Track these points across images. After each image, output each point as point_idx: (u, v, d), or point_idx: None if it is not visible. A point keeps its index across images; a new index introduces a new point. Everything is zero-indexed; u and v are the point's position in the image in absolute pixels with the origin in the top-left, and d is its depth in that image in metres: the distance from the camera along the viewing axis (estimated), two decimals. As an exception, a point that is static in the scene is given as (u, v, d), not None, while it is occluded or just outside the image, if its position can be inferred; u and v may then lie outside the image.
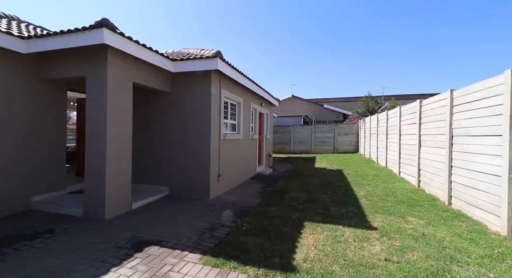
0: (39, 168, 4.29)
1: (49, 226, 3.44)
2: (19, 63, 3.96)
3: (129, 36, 3.79)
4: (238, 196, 5.24)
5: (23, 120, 4.05)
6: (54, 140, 4.52)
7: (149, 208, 4.33)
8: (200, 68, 4.71)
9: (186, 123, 5.07)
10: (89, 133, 3.84)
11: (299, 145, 16.35)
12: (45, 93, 4.35)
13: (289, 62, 70.12)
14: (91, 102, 3.82)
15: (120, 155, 4.00)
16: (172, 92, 5.19)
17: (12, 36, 3.68)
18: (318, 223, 3.63)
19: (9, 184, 3.87)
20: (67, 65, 4.00)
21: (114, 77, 3.84)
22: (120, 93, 3.98)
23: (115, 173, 3.89)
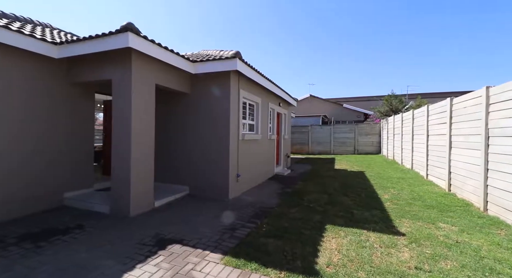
0: (70, 167, 4.55)
1: (79, 222, 3.63)
2: (52, 68, 4.23)
3: (152, 39, 3.90)
4: (257, 197, 5.22)
5: (58, 121, 4.32)
6: (83, 140, 4.78)
7: (170, 206, 4.42)
8: (220, 69, 4.75)
9: (205, 123, 5.13)
10: (115, 134, 4.00)
11: (317, 145, 16.02)
12: (75, 96, 4.61)
13: (307, 61, 68.98)
14: (116, 103, 3.98)
15: (144, 155, 4.14)
16: (191, 93, 5.28)
17: (46, 42, 3.93)
18: (341, 227, 3.50)
19: (45, 181, 4.14)
20: (94, 69, 4.21)
21: (138, 79, 3.97)
22: (143, 95, 4.11)
23: (139, 173, 4.02)
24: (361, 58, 62.67)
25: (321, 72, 68.41)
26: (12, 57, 3.70)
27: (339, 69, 64.63)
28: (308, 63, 67.34)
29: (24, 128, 3.87)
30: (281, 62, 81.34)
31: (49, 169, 4.22)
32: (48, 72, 4.17)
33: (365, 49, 62.03)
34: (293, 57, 75.05)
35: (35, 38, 3.78)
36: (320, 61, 64.62)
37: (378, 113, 15.74)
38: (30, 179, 3.95)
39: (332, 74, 65.40)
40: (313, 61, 65.14)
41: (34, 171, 4.00)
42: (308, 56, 64.51)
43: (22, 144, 3.84)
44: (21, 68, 3.82)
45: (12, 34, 3.51)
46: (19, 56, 3.77)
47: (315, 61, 65.14)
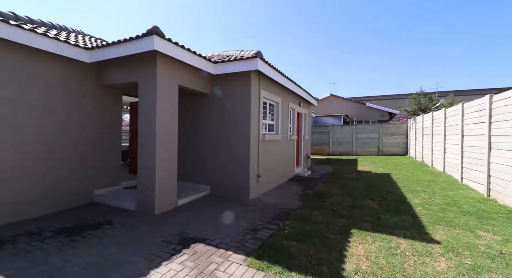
0: (100, 166, 4.79)
1: (108, 218, 3.80)
2: (84, 72, 4.49)
3: (176, 42, 3.99)
4: (278, 198, 5.14)
5: (90, 123, 4.57)
6: (112, 140, 5.02)
7: (193, 205, 4.49)
8: (240, 69, 4.75)
9: (225, 123, 5.16)
10: (141, 134, 4.15)
11: (338, 146, 15.54)
12: (104, 98, 4.86)
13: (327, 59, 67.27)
14: (142, 105, 4.12)
15: (168, 155, 4.24)
16: (212, 94, 5.34)
17: (79, 47, 4.17)
18: (368, 232, 3.32)
19: (78, 179, 4.40)
20: (122, 72, 4.39)
21: (162, 81, 4.09)
22: (168, 96, 4.22)
23: (163, 172, 4.13)
24: (384, 56, 59.88)
25: (342, 71, 66.40)
26: (51, 62, 3.97)
27: (361, 67, 62.36)
28: (328, 62, 65.73)
29: (62, 130, 4.14)
30: (299, 61, 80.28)
31: (82, 168, 4.47)
32: (81, 76, 4.44)
33: (389, 46, 59.18)
34: (312, 55, 73.50)
35: (69, 44, 4.03)
36: (341, 59, 62.79)
37: (405, 112, 14.86)
38: (64, 177, 4.21)
39: (354, 73, 63.26)
40: (334, 59, 63.39)
41: (68, 170, 4.26)
42: (328, 54, 62.94)
43: (59, 145, 4.11)
44: (59, 73, 4.09)
45: (49, 41, 3.77)
46: (57, 61, 4.05)
47: (336, 59, 63.37)
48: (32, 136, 3.79)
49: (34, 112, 3.81)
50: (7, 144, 3.52)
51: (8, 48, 3.49)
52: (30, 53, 3.73)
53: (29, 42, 3.55)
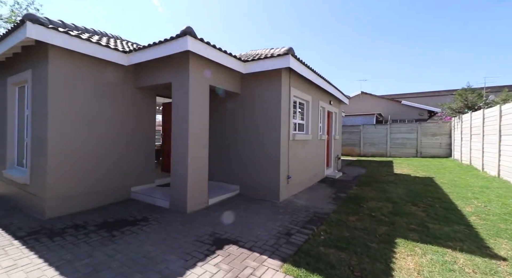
0: (136, 164, 5.01)
1: (144, 214, 3.93)
2: (123, 74, 4.73)
3: (208, 41, 4.00)
4: (309, 201, 4.92)
5: (128, 123, 4.81)
6: (147, 140, 5.22)
7: (223, 205, 4.48)
8: (271, 67, 4.63)
9: (255, 123, 5.08)
10: (174, 134, 4.23)
11: (370, 147, 14.67)
12: (140, 99, 5.07)
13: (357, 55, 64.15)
14: (176, 105, 4.21)
15: (200, 154, 4.28)
16: (241, 93, 5.30)
17: (118, 51, 4.39)
18: (416, 242, 2.99)
19: (117, 176, 4.65)
20: (156, 74, 4.53)
21: (195, 81, 4.13)
22: (200, 96, 4.25)
23: (195, 171, 4.18)
24: (418, 51, 55.32)
25: (374, 67, 62.80)
26: (97, 66, 4.23)
27: (395, 62, 58.38)
28: (358, 58, 62.60)
29: (106, 130, 4.39)
30: (326, 57, 77.71)
31: (121, 166, 4.71)
32: (121, 78, 4.67)
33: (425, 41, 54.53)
34: (340, 51, 70.51)
35: (109, 48, 4.25)
36: (373, 55, 59.41)
37: (449, 110, 13.45)
38: (106, 174, 4.46)
39: (387, 69, 59.43)
40: (365, 55, 60.18)
41: (109, 167, 4.51)
42: (359, 50, 59.90)
43: (103, 144, 4.37)
44: (103, 76, 4.35)
45: (96, 47, 4.01)
46: (99, 65, 4.30)
47: (367, 55, 60.10)
48: (82, 135, 4.07)
49: (84, 113, 4.09)
50: (64, 141, 3.81)
51: (66, 56, 3.79)
52: (81, 58, 4.01)
53: (81, 49, 3.81)
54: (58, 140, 3.83)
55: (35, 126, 3.97)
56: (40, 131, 3.86)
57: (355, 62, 65.14)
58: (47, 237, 3.04)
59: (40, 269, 2.34)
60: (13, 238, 3.02)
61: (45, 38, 3.45)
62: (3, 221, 3.57)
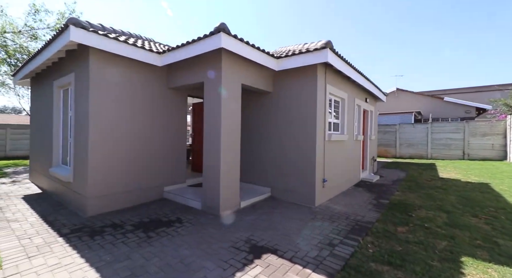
0: (169, 164, 5.05)
1: (178, 215, 3.90)
2: (157, 75, 4.78)
3: (241, 38, 3.84)
4: (347, 207, 4.54)
5: (161, 123, 4.86)
6: (179, 140, 5.24)
7: (255, 209, 4.30)
8: (306, 62, 4.34)
9: (288, 123, 4.82)
10: (207, 134, 4.15)
11: (407, 148, 13.54)
12: (173, 100, 5.10)
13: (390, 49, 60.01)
14: (208, 104, 4.12)
15: (232, 155, 4.15)
16: (273, 91, 5.07)
17: (152, 52, 4.43)
18: (487, 263, 2.52)
19: (152, 176, 4.71)
20: (188, 74, 4.50)
21: (227, 80, 4.00)
22: (232, 96, 4.12)
23: (228, 173, 4.05)
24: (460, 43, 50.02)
25: (410, 62, 58.33)
26: (134, 67, 4.32)
27: (435, 56, 53.71)
28: (392, 52, 58.55)
29: (142, 130, 4.48)
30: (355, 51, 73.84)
31: (155, 166, 4.77)
32: (155, 79, 4.73)
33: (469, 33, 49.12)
34: (375, 43, 66.08)
35: (144, 50, 4.30)
36: (409, 49, 55.21)
37: (504, 106, 11.84)
38: (141, 173, 4.54)
39: (426, 64, 54.92)
40: (399, 49, 55.92)
41: (144, 167, 4.58)
42: (392, 44, 55.82)
43: (138, 144, 4.45)
44: (139, 78, 4.43)
45: (130, 48, 4.07)
46: (137, 66, 4.38)
47: (402, 49, 55.95)
48: (120, 136, 4.17)
49: (121, 113, 4.19)
50: (103, 141, 3.93)
51: (105, 58, 3.90)
52: (119, 60, 4.11)
53: (119, 50, 3.90)
54: (98, 140, 3.94)
55: (77, 127, 4.15)
56: (81, 131, 4.02)
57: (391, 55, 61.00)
58: (88, 236, 3.11)
59: (82, 269, 2.35)
60: (58, 235, 3.14)
61: (87, 41, 3.56)
62: (49, 218, 3.76)
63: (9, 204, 4.44)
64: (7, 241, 2.97)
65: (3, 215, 3.85)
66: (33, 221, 3.63)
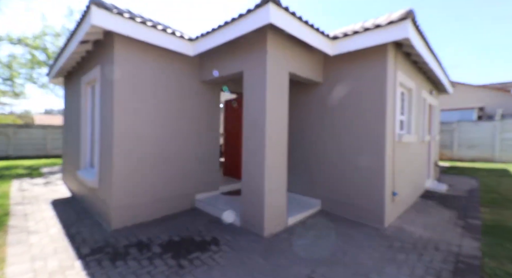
0: (201, 169, 4.41)
1: (213, 233, 3.19)
2: (188, 67, 4.15)
3: (293, 12, 3.00)
4: (427, 229, 3.47)
5: (193, 122, 4.23)
6: (211, 141, 4.58)
7: (306, 227, 3.45)
8: (373, 42, 3.35)
9: (346, 120, 3.88)
10: (246, 135, 3.39)
11: (468, 149, 11.55)
12: (205, 96, 4.44)
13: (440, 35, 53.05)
14: (248, 99, 3.36)
15: (277, 161, 3.35)
16: (324, 82, 4.16)
17: (184, 39, 3.79)
18: None
19: (182, 183, 4.10)
20: (223, 63, 3.79)
21: (273, 68, 3.21)
22: (278, 87, 3.31)
23: (273, 182, 3.26)
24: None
25: (466, 51, 50.89)
26: (162, 57, 3.73)
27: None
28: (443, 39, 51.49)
29: (173, 130, 3.88)
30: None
31: (185, 171, 4.15)
32: (186, 71, 4.11)
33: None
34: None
35: (175, 36, 3.68)
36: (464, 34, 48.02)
37: None
38: (170, 180, 3.94)
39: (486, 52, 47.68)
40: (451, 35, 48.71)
41: (174, 173, 3.98)
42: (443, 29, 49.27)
43: (168, 146, 3.86)
44: (168, 69, 3.84)
45: (159, 34, 3.47)
46: (165, 56, 3.79)
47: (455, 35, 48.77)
48: (148, 136, 3.61)
49: (149, 111, 3.62)
50: (130, 142, 3.40)
51: (132, 47, 3.36)
52: (146, 50, 3.55)
53: (146, 37, 3.32)
54: (124, 142, 3.40)
55: (103, 127, 3.66)
56: (106, 132, 3.51)
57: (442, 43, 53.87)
58: (109, 260, 2.52)
59: (93, 323, 1.71)
60: (76, 256, 2.60)
61: (111, 25, 3.01)
62: (72, 229, 3.30)
63: (36, 210, 4.13)
64: (19, 261, 2.50)
65: (25, 224, 3.49)
66: (54, 233, 3.19)
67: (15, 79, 11.33)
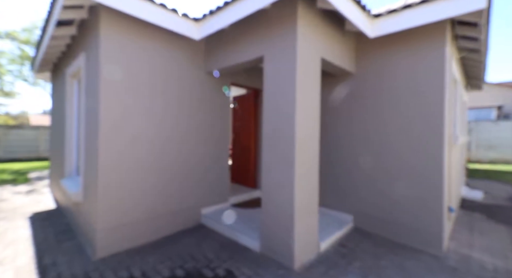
0: (208, 177, 3.69)
1: (226, 264, 2.47)
2: (192, 53, 3.44)
3: (333, -26, 2.28)
4: (493, 254, 2.76)
5: (198, 122, 3.51)
6: (220, 143, 3.86)
7: (342, 254, 2.73)
8: (429, 18, 2.63)
9: (385, 117, 3.17)
10: (269, 135, 2.67)
11: (487, 151, 10.84)
12: (212, 91, 3.73)
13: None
14: (271, 92, 2.65)
15: (309, 171, 2.63)
16: (356, 73, 3.45)
17: (188, 18, 3.06)
18: None
19: (185, 195, 3.38)
20: (237, 48, 3.07)
21: (304, 50, 2.50)
22: (309, 76, 2.60)
23: (304, 193, 2.54)
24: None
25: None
26: (161, 41, 3.02)
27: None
28: None
29: (173, 131, 3.17)
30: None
31: (189, 181, 3.43)
32: (189, 59, 3.40)
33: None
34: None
35: (176, 14, 2.95)
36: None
37: None
38: (170, 192, 3.22)
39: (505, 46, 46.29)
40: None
41: (174, 183, 3.26)
42: None
43: (166, 150, 3.14)
44: (168, 56, 3.12)
45: (158, 9, 2.74)
46: (165, 39, 3.08)
47: None
48: (143, 138, 2.89)
49: (145, 107, 2.90)
50: (120, 146, 2.67)
51: (122, 25, 2.63)
52: (140, 30, 2.83)
53: (141, 13, 2.58)
54: (112, 143, 2.68)
55: (88, 126, 2.94)
56: (91, 132, 2.80)
57: None
58: (86, 314, 1.80)
59: None
60: (41, 306, 1.88)
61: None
62: (46, 258, 2.58)
63: (9, 227, 3.41)
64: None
65: (-12, 250, 2.77)
66: (22, 264, 2.47)
67: (3, 76, 10.57)
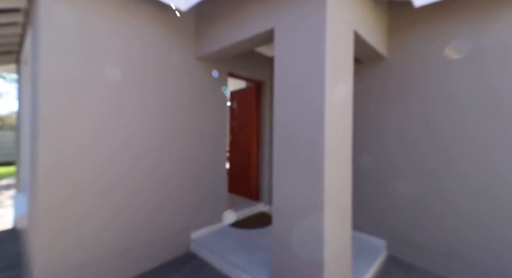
0: (200, 193, 2.89)
1: None
2: (178, 32, 2.64)
3: None
4: None
5: (186, 121, 2.72)
6: (215, 147, 3.07)
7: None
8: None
9: (428, 114, 2.42)
10: (282, 140, 1.89)
11: None
12: (204, 80, 2.94)
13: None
14: (285, 76, 1.88)
15: (343, 183, 1.86)
16: (389, 57, 2.70)
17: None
18: None
19: (171, 216, 2.57)
20: (236, 19, 2.29)
21: (335, 17, 1.73)
22: (341, 57, 1.83)
23: (335, 220, 1.77)
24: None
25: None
26: (142, 14, 2.22)
27: None
28: None
29: (152, 132, 2.36)
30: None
31: (175, 198, 2.63)
32: (174, 39, 2.59)
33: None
34: None
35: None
36: None
37: None
38: (150, 213, 2.41)
39: None
40: None
41: (156, 201, 2.45)
42: None
43: (143, 157, 2.33)
44: (145, 35, 2.32)
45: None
46: (144, 13, 2.28)
47: None
48: (113, 144, 2.08)
49: (115, 104, 2.10)
50: (71, 153, 1.87)
51: None
52: None
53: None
54: (60, 148, 1.87)
55: (31, 123, 2.14)
56: (33, 130, 2.00)
57: None
58: None
59: None
60: None
61: None
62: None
63: None
64: None
65: None
66: None
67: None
